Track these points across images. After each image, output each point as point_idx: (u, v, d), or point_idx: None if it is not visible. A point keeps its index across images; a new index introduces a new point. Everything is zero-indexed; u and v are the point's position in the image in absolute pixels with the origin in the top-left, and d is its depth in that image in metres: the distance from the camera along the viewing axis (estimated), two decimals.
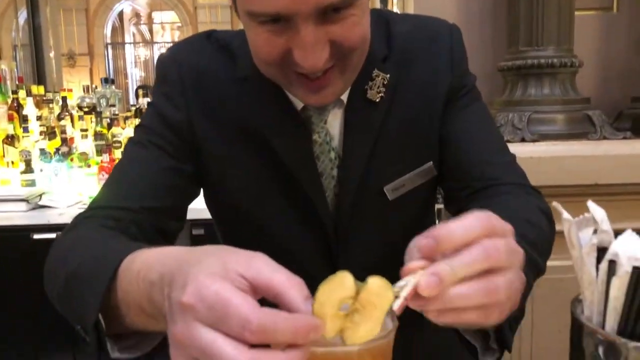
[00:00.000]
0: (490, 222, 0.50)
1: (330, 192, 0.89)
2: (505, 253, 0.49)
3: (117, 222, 0.78)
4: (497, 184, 0.88)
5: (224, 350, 0.41)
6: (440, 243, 0.48)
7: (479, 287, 0.49)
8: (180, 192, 0.89)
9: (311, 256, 0.92)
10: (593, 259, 0.50)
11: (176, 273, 0.46)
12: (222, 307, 0.41)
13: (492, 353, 0.65)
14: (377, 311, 0.47)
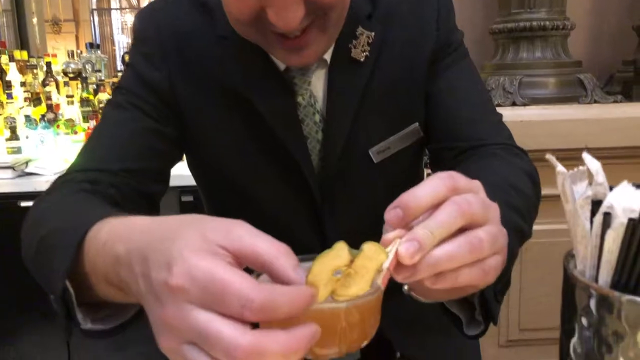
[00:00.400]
0: (454, 180, 0.49)
1: (315, 156, 0.88)
2: (479, 207, 0.48)
3: (96, 186, 0.75)
4: (482, 144, 0.87)
5: (223, 331, 0.39)
6: (407, 211, 0.47)
7: (462, 243, 0.47)
8: (162, 155, 0.87)
9: (297, 221, 0.91)
10: (587, 212, 0.49)
11: (149, 250, 0.44)
12: (218, 286, 0.39)
13: (478, 325, 0.64)
14: (368, 274, 0.46)
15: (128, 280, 0.46)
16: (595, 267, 0.50)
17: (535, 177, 0.83)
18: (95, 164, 0.80)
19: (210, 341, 0.39)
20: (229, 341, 0.39)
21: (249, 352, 0.38)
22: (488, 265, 0.49)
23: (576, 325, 0.52)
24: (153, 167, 0.85)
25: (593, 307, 0.49)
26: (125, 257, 0.47)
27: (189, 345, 0.41)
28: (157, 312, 0.42)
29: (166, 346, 0.41)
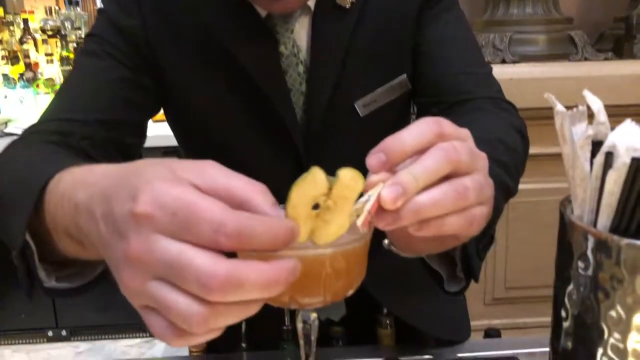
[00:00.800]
0: (441, 126, 0.46)
1: (299, 109, 0.84)
2: (466, 154, 0.45)
3: (67, 137, 0.71)
4: (470, 98, 0.84)
5: (196, 260, 0.35)
6: (390, 155, 0.44)
7: (447, 190, 0.45)
8: (137, 106, 0.83)
9: (281, 177, 0.88)
10: (587, 152, 0.46)
11: (111, 189, 0.40)
12: (188, 211, 0.36)
13: (459, 282, 0.62)
14: (347, 205, 0.44)
15: (88, 228, 0.42)
16: (594, 211, 0.48)
17: (524, 132, 0.81)
18: (68, 113, 0.76)
19: (182, 273, 0.36)
20: (203, 271, 0.35)
21: (225, 282, 0.35)
22: (473, 214, 0.47)
23: (572, 272, 0.49)
24: (128, 118, 0.81)
25: (590, 253, 0.47)
26: (85, 203, 0.43)
27: (157, 282, 0.37)
28: (120, 249, 0.37)
29: (131, 286, 0.37)
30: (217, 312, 0.36)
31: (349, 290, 0.49)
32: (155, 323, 0.38)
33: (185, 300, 0.36)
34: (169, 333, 0.37)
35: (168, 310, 0.36)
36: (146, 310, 0.38)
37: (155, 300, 0.37)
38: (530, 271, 2.16)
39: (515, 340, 0.92)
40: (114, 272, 0.40)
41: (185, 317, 0.36)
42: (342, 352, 0.90)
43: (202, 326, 0.36)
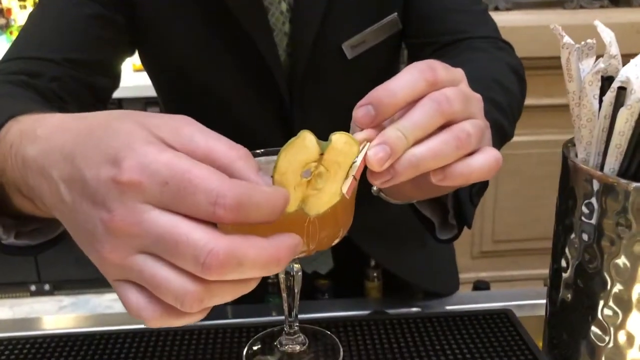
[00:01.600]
0: (434, 72, 0.41)
1: (283, 51, 0.79)
2: (459, 101, 0.41)
3: (34, 79, 0.65)
4: (464, 38, 0.79)
5: (193, 236, 0.31)
6: (380, 108, 0.40)
7: (448, 138, 0.40)
8: (110, 45, 0.77)
9: (265, 123, 0.83)
10: (596, 89, 0.42)
11: (77, 148, 0.35)
12: (182, 180, 0.32)
13: (451, 229, 0.59)
14: (341, 171, 0.39)
15: (39, 188, 0.38)
16: (601, 154, 0.44)
17: (521, 73, 0.77)
18: (35, 52, 0.70)
19: (176, 249, 0.32)
20: (201, 247, 0.31)
21: (225, 259, 0.31)
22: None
23: (574, 220, 0.46)
24: (101, 58, 0.76)
25: (595, 198, 0.43)
26: (36, 160, 0.38)
27: (144, 256, 0.33)
28: (96, 218, 0.33)
29: (110, 258, 0.33)
30: (212, 291, 0.33)
31: (335, 240, 0.45)
32: (134, 299, 0.34)
33: (178, 278, 0.32)
34: (149, 311, 0.34)
35: (157, 287, 0.33)
36: (122, 284, 0.34)
37: (140, 275, 0.33)
38: (518, 224, 2.15)
39: (504, 292, 0.90)
40: (80, 240, 0.35)
41: (178, 296, 0.32)
42: (329, 304, 0.87)
43: (197, 306, 0.33)
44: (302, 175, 0.38)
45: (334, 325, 0.57)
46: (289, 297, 0.50)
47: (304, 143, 0.38)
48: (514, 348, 0.53)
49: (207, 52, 0.79)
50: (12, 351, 0.55)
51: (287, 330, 0.52)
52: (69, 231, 0.37)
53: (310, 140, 0.38)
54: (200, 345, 0.55)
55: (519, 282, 2.20)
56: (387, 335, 0.56)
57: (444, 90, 0.41)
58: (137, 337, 0.57)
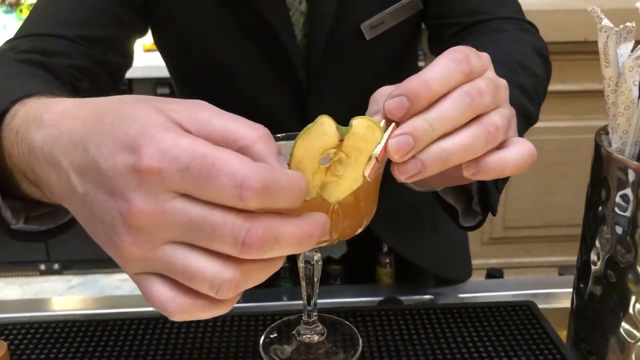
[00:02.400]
0: (469, 62, 0.39)
1: (299, 32, 0.77)
2: (491, 94, 0.40)
3: (47, 57, 0.64)
4: (487, 19, 0.77)
5: (228, 217, 0.30)
6: (414, 100, 0.38)
7: (478, 132, 0.39)
8: (125, 23, 0.76)
9: (280, 106, 0.82)
10: (636, 75, 0.40)
11: (88, 136, 0.33)
12: (204, 164, 0.30)
13: (474, 216, 0.57)
14: (362, 156, 0.37)
15: (47, 177, 0.36)
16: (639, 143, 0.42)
17: (545, 55, 0.74)
18: (48, 28, 0.68)
19: (213, 231, 0.30)
20: (239, 225, 0.30)
21: (264, 236, 0.30)
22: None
23: (606, 211, 0.44)
24: (115, 37, 0.74)
25: (631, 189, 0.41)
26: (43, 148, 0.36)
27: (172, 246, 0.32)
28: (114, 209, 0.32)
29: (133, 251, 0.32)
30: (247, 274, 0.32)
31: (358, 229, 0.44)
32: (160, 291, 0.32)
33: (212, 265, 0.31)
34: (177, 303, 0.32)
35: (191, 277, 0.31)
36: (145, 277, 0.33)
37: (170, 267, 0.32)
38: (529, 211, 2.13)
39: (519, 281, 0.88)
40: (95, 231, 0.34)
41: (214, 283, 0.31)
42: (341, 290, 0.87)
43: (233, 291, 0.32)
44: (320, 162, 0.36)
45: (352, 314, 0.56)
46: (307, 286, 0.49)
47: (322, 129, 0.36)
48: (537, 341, 0.52)
49: (221, 33, 0.78)
50: (25, 335, 0.54)
51: (306, 319, 0.51)
52: (80, 222, 0.35)
53: (329, 126, 0.36)
54: (215, 333, 0.54)
55: (529, 269, 2.19)
56: (406, 325, 0.55)
57: (476, 82, 0.39)
58: (150, 323, 0.56)
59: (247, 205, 0.30)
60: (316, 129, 0.36)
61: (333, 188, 0.37)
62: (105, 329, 0.55)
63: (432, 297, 0.82)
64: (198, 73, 0.84)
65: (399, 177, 0.39)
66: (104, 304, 0.77)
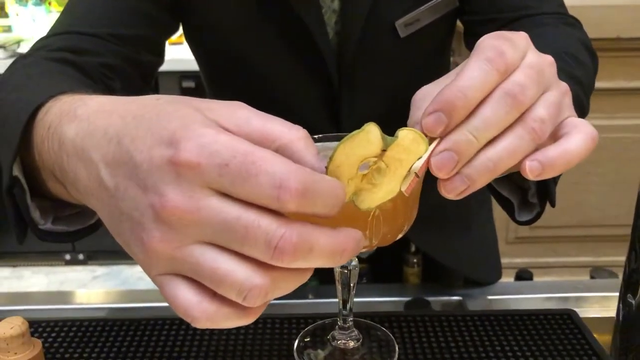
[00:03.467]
0: (503, 56, 0.37)
1: (331, 29, 0.76)
2: (533, 84, 0.38)
3: (78, 55, 0.63)
4: (529, 14, 0.75)
5: (263, 220, 0.29)
6: (453, 114, 0.36)
7: (522, 133, 0.37)
8: (156, 21, 0.75)
9: (311, 105, 0.81)
10: None
11: (123, 131, 0.32)
12: (243, 161, 0.29)
13: (531, 209, 0.55)
14: (401, 168, 0.36)
15: (74, 172, 0.35)
16: None
17: (592, 49, 0.72)
18: (79, 27, 0.68)
19: (245, 233, 0.29)
20: (274, 229, 0.29)
21: (298, 243, 0.29)
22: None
23: None
24: (147, 35, 0.74)
25: None
26: (74, 142, 0.35)
27: (201, 246, 0.30)
28: (145, 204, 0.30)
29: (160, 249, 0.30)
30: (277, 282, 0.31)
31: (399, 234, 0.43)
32: (184, 295, 0.31)
33: (242, 269, 0.30)
34: (201, 309, 0.31)
35: (219, 281, 0.30)
36: (169, 278, 0.31)
37: (197, 268, 0.30)
38: (557, 210, 2.07)
39: (550, 283, 0.87)
40: (120, 229, 0.32)
41: (243, 289, 0.30)
42: (367, 289, 0.86)
43: (261, 299, 0.30)
44: (358, 169, 0.35)
45: (386, 319, 0.55)
46: (343, 290, 0.48)
47: (367, 137, 0.35)
48: (580, 352, 0.50)
49: (252, 31, 0.77)
50: (58, 333, 0.54)
51: (341, 324, 0.50)
52: (104, 220, 0.34)
53: (375, 136, 0.35)
54: (248, 335, 0.53)
55: (555, 269, 2.16)
56: (443, 332, 0.54)
57: (515, 77, 0.37)
58: (183, 324, 0.55)
59: (284, 207, 0.29)
60: (362, 137, 0.34)
61: (366, 195, 0.36)
62: (138, 328, 0.54)
63: (460, 298, 0.80)
64: (229, 71, 0.83)
65: (447, 195, 0.37)
66: (130, 298, 0.77)
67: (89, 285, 2.48)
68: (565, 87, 0.41)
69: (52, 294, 0.96)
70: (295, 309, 0.76)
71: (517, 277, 1.08)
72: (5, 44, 2.38)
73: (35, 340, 0.48)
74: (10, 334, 0.46)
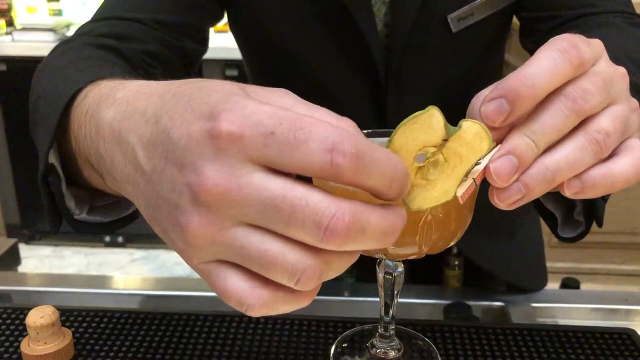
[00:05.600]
0: (578, 49, 0.34)
1: (379, 22, 0.73)
2: (599, 93, 0.34)
3: (121, 41, 0.62)
4: (591, 12, 0.70)
5: (312, 198, 0.27)
6: (517, 103, 0.33)
7: (584, 143, 0.34)
8: (201, 8, 0.74)
9: (356, 101, 0.78)
10: None
11: (164, 109, 0.30)
12: (290, 128, 0.27)
13: (575, 226, 0.51)
14: (461, 166, 0.33)
15: (111, 157, 0.33)
16: None
17: None
18: (124, 12, 0.67)
19: (292, 213, 0.27)
20: (323, 208, 0.26)
21: (350, 223, 0.27)
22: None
23: None
24: (191, 22, 0.73)
25: None
26: (112, 125, 0.33)
27: (243, 227, 0.28)
28: (183, 183, 0.28)
29: (201, 233, 0.28)
30: (330, 262, 0.28)
31: (451, 241, 0.40)
32: (235, 283, 0.29)
33: (292, 251, 0.27)
34: (255, 296, 0.28)
35: (268, 265, 0.28)
36: (214, 266, 0.29)
37: (243, 252, 0.28)
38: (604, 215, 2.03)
39: (597, 293, 0.82)
40: (158, 216, 0.30)
41: (295, 272, 0.28)
42: (406, 290, 0.83)
43: (315, 281, 0.28)
44: (414, 159, 0.33)
45: (429, 328, 0.52)
46: (386, 296, 0.45)
47: (430, 121, 0.32)
48: None
49: (297, 21, 0.75)
50: (89, 323, 0.53)
51: (382, 332, 0.47)
52: (140, 208, 0.32)
53: (437, 120, 0.32)
54: (283, 338, 0.51)
55: (599, 277, 2.09)
56: (489, 345, 0.50)
57: (580, 82, 0.34)
58: (216, 321, 0.53)
59: (338, 172, 0.26)
60: (424, 119, 0.32)
61: (419, 192, 0.33)
62: (170, 323, 0.53)
63: (502, 304, 0.77)
64: (273, 63, 0.81)
65: (500, 204, 0.34)
66: (166, 285, 0.76)
67: (127, 268, 2.51)
68: (636, 104, 0.38)
69: (89, 278, 0.97)
70: (332, 308, 0.74)
71: (563, 285, 1.04)
72: (56, 27, 2.43)
73: (66, 330, 0.47)
74: (40, 323, 0.45)
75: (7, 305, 0.56)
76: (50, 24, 2.43)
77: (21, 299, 0.71)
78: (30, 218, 2.59)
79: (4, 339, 0.50)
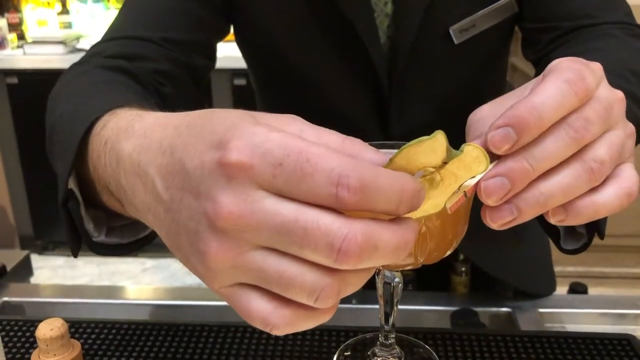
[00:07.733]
0: (584, 81, 0.35)
1: (383, 34, 0.74)
2: (598, 121, 0.35)
3: (131, 61, 0.63)
4: (592, 24, 0.70)
5: (324, 221, 0.27)
6: (523, 133, 0.33)
7: (579, 171, 0.35)
8: (208, 25, 0.75)
9: (360, 113, 0.79)
10: None
11: (178, 140, 0.32)
12: (298, 160, 0.28)
13: (577, 238, 0.52)
14: (454, 184, 0.34)
15: (132, 187, 0.35)
16: None
17: None
18: (134, 31, 0.69)
19: (306, 237, 0.28)
20: (335, 230, 0.27)
21: (363, 243, 0.28)
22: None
23: None
24: (199, 39, 0.74)
25: None
26: (131, 157, 0.35)
27: (263, 252, 0.29)
28: (199, 212, 0.29)
29: (220, 258, 0.29)
30: (346, 279, 0.29)
31: (446, 252, 0.40)
32: (258, 305, 0.30)
33: (311, 271, 0.28)
34: (278, 316, 0.29)
35: (287, 285, 0.29)
36: (237, 289, 0.30)
37: (262, 275, 0.29)
38: (613, 218, 2.00)
39: (605, 298, 0.82)
40: (179, 244, 0.31)
41: (314, 290, 0.29)
42: (413, 297, 0.83)
43: (333, 299, 0.29)
44: (413, 175, 0.33)
45: (431, 336, 0.53)
46: (386, 305, 0.46)
47: (433, 146, 0.33)
48: None
49: (302, 33, 0.76)
50: (98, 335, 0.54)
51: (382, 340, 0.48)
52: (162, 237, 0.33)
53: (440, 144, 0.33)
54: (287, 347, 0.52)
55: (610, 280, 2.08)
56: (490, 353, 0.51)
57: (584, 111, 0.35)
58: (221, 332, 0.54)
59: (344, 206, 0.28)
60: (428, 145, 0.32)
61: None
62: (176, 334, 0.54)
63: (509, 310, 0.77)
64: (278, 75, 0.82)
65: (491, 224, 0.35)
66: (176, 295, 0.78)
67: (138, 277, 2.53)
68: (632, 130, 0.38)
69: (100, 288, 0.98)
70: (338, 315, 0.74)
71: (571, 290, 1.04)
72: (66, 40, 2.46)
73: (75, 342, 0.48)
74: (50, 335, 0.46)
75: (19, 317, 0.57)
76: (61, 36, 2.47)
77: (33, 310, 0.73)
78: (43, 229, 2.62)
79: (15, 350, 0.52)
